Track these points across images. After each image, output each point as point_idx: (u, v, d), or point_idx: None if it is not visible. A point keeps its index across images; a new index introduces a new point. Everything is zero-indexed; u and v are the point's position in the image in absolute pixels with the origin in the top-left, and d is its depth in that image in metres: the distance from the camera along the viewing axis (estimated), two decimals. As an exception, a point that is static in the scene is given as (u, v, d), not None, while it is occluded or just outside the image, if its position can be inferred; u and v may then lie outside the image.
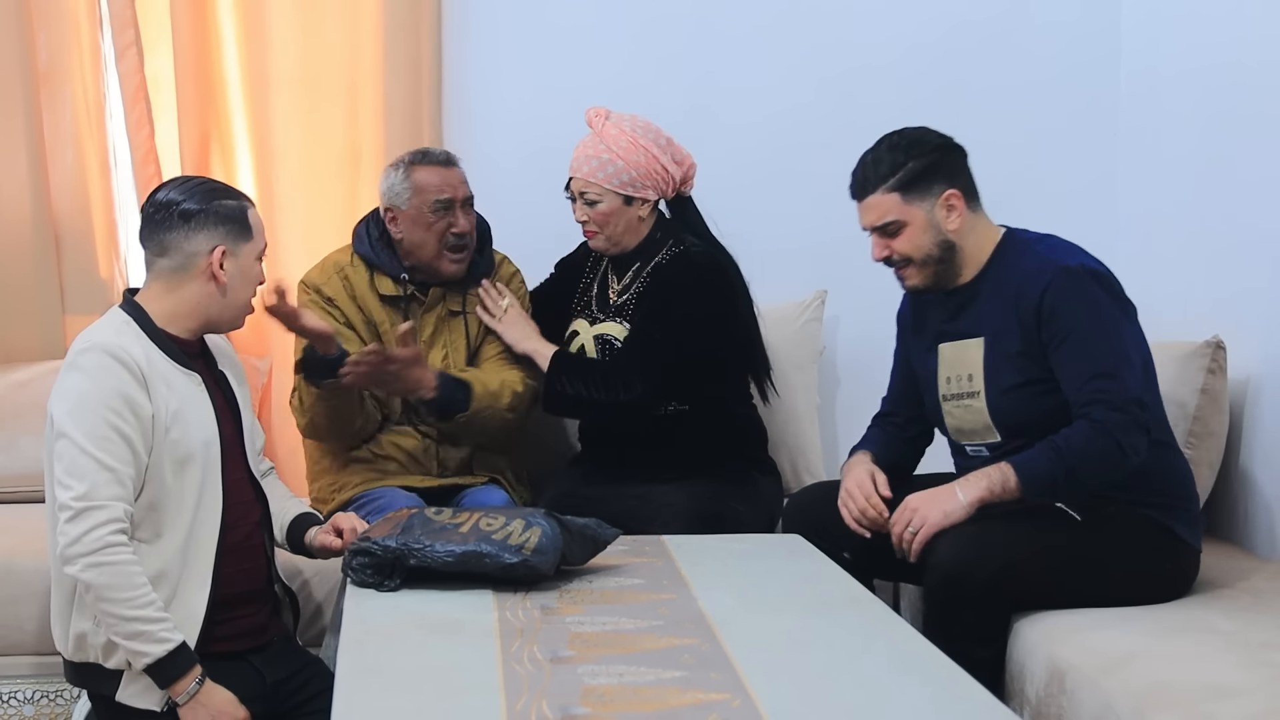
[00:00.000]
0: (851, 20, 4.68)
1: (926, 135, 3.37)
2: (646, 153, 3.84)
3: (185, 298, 3.06)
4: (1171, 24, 4.40)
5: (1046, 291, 3.26)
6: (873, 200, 3.35)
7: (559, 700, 2.35)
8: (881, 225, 3.35)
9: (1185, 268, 4.29)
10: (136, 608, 2.86)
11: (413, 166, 3.86)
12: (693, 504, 3.75)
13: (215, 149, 4.54)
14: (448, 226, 3.83)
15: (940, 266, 3.38)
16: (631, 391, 3.81)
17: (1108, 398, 3.20)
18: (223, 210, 3.05)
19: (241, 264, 3.08)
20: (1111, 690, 2.82)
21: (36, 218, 4.41)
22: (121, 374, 2.93)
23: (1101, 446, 3.19)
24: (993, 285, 3.37)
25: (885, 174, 3.33)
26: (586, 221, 3.88)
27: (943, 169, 3.34)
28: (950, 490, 3.26)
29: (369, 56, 4.51)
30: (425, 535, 3.01)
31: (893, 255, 3.38)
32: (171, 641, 2.89)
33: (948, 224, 3.34)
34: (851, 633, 2.79)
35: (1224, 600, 3.32)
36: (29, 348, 4.45)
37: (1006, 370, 3.34)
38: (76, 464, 2.88)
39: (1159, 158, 4.47)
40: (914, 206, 3.33)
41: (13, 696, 3.66)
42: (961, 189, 3.35)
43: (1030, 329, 3.29)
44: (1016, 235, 3.43)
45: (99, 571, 2.85)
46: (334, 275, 3.90)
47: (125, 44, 4.42)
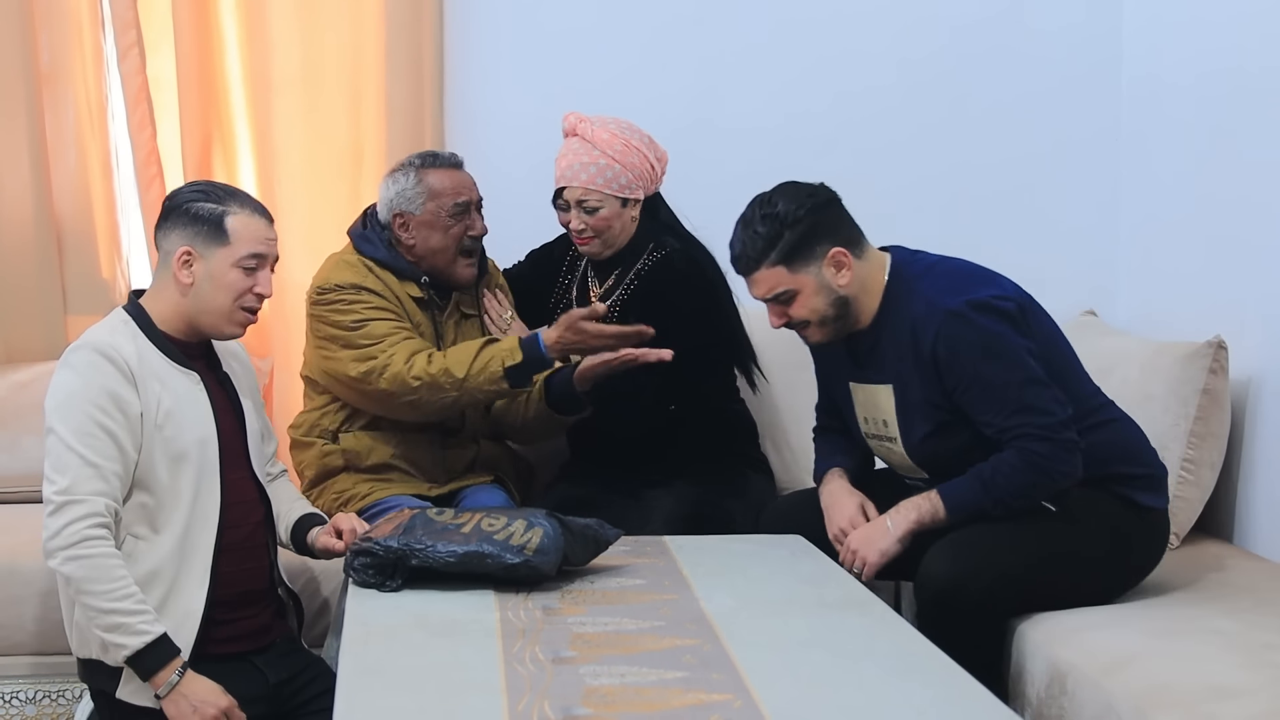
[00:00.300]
0: (851, 29, 4.68)
1: (796, 198, 3.31)
2: (638, 153, 3.83)
3: (166, 298, 3.08)
4: (1173, 29, 4.40)
5: (937, 341, 3.24)
6: (759, 275, 3.32)
7: (561, 701, 2.35)
8: (773, 297, 3.33)
9: (1187, 269, 4.29)
10: (114, 600, 2.88)
11: (424, 170, 3.79)
12: (683, 505, 3.76)
13: (217, 150, 4.55)
14: (465, 230, 3.79)
15: (839, 323, 3.36)
16: (630, 410, 3.81)
17: (1031, 432, 3.20)
18: (194, 212, 3.04)
19: (211, 268, 3.05)
20: (1113, 691, 2.82)
21: (38, 218, 4.41)
22: (109, 371, 2.95)
23: (1030, 479, 3.22)
24: (889, 331, 3.35)
25: (764, 249, 3.28)
26: (583, 229, 3.86)
27: (820, 230, 3.29)
28: (882, 524, 3.31)
29: (371, 58, 4.51)
30: (427, 535, 3.01)
31: (791, 320, 3.36)
32: (150, 633, 2.89)
33: (838, 281, 3.31)
34: (854, 634, 2.79)
35: (1225, 600, 3.32)
36: (31, 348, 4.45)
37: (918, 419, 3.34)
38: (61, 459, 2.92)
39: (1161, 161, 4.47)
40: (801, 274, 3.29)
41: (14, 696, 3.66)
42: (844, 243, 3.31)
43: (931, 376, 3.28)
44: (902, 270, 3.37)
45: (77, 565, 2.87)
46: (367, 273, 3.79)
47: (127, 45, 4.42)
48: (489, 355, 3.64)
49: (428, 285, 3.82)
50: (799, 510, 3.60)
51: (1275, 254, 3.82)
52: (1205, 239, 4.18)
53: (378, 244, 3.83)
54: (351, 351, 3.71)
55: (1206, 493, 3.82)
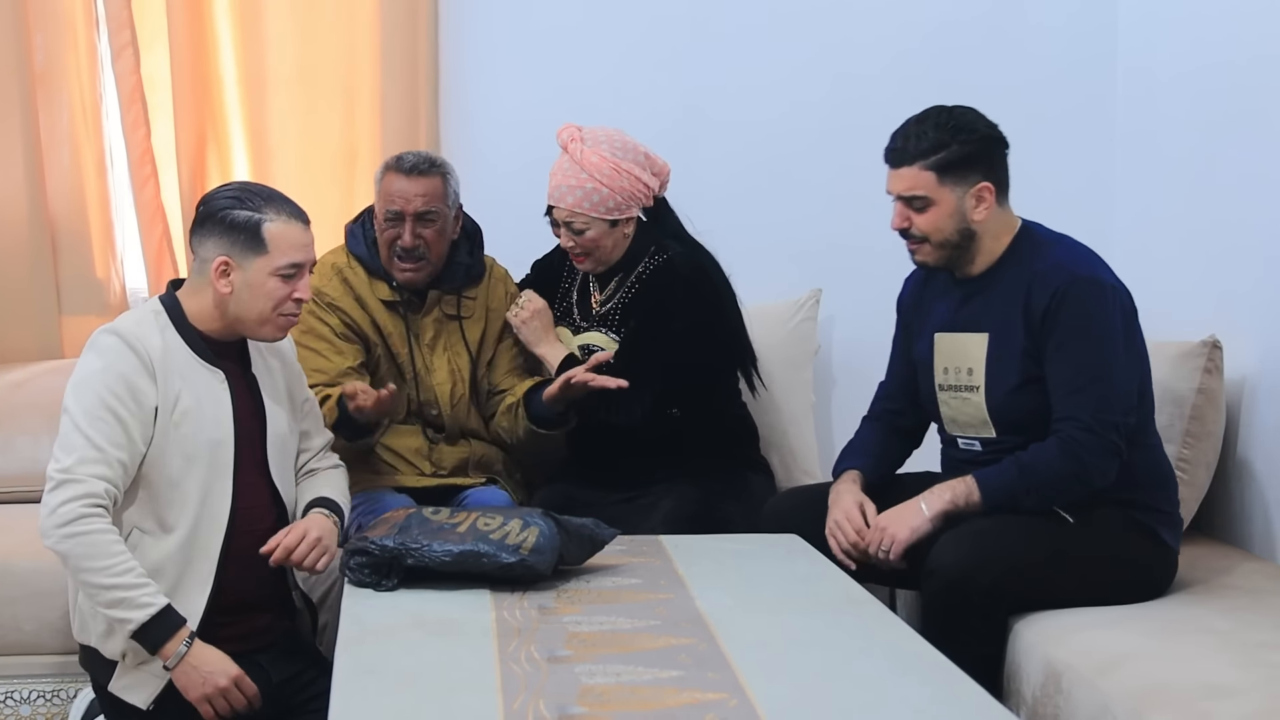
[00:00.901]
0: (846, 21, 4.67)
1: (976, 122, 3.36)
2: (628, 175, 3.81)
3: (203, 301, 3.07)
4: (1168, 24, 4.41)
5: (1055, 296, 3.26)
6: (906, 172, 3.35)
7: (556, 700, 2.35)
8: (909, 197, 3.35)
9: (1182, 267, 4.29)
10: (114, 575, 2.87)
11: (386, 171, 3.82)
12: (683, 506, 3.76)
13: (212, 149, 4.54)
14: (395, 238, 3.78)
15: (955, 252, 3.38)
16: (631, 417, 3.80)
17: (1081, 417, 3.22)
18: (230, 220, 3.01)
19: (250, 277, 3.03)
20: (1108, 690, 2.83)
21: (33, 218, 4.40)
22: (130, 359, 2.95)
23: (1066, 469, 3.23)
24: (1004, 282, 3.38)
25: (926, 150, 3.31)
26: (574, 247, 3.86)
27: (983, 160, 3.34)
28: (915, 505, 3.31)
29: (365, 56, 4.51)
30: (422, 535, 3.01)
31: (911, 229, 3.38)
32: (153, 606, 2.89)
33: (974, 214, 3.34)
34: (849, 633, 2.79)
35: (1220, 600, 3.32)
36: (25, 348, 4.44)
37: (1009, 369, 3.34)
38: (68, 438, 2.92)
39: (1156, 158, 4.48)
40: (946, 189, 3.32)
41: (9, 696, 3.66)
42: (996, 183, 3.35)
43: (1035, 330, 3.30)
44: (1033, 231, 3.43)
45: (73, 542, 2.86)
46: (333, 277, 3.86)
47: (121, 44, 4.41)
48: (327, 409, 3.64)
49: (399, 288, 3.85)
50: (798, 506, 3.61)
51: (1270, 253, 3.83)
52: (1200, 238, 4.18)
53: (360, 239, 3.89)
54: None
55: (1201, 492, 3.82)
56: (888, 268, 3.76)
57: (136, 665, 2.99)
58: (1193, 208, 4.23)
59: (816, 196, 4.64)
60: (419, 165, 3.80)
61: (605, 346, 3.91)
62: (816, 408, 4.52)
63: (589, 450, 4.00)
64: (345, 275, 3.86)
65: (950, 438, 3.52)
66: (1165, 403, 3.76)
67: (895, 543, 3.28)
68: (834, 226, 4.64)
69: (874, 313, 3.92)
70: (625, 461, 3.89)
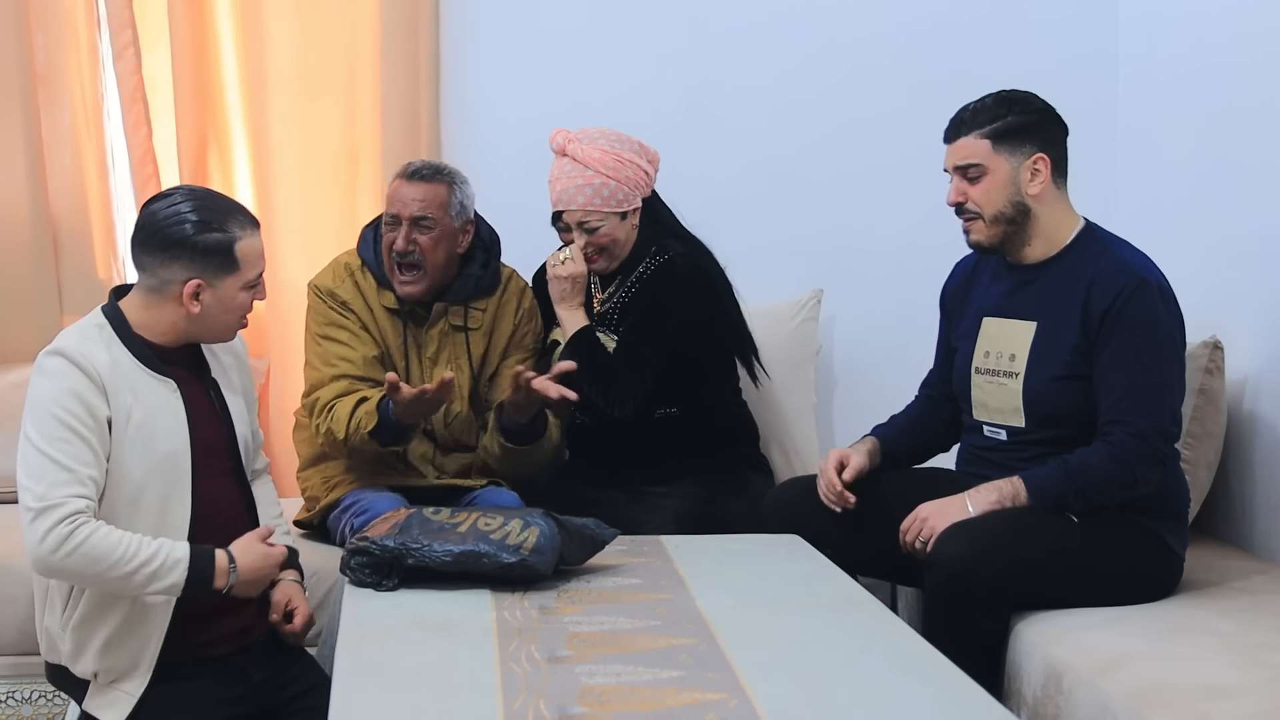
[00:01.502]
0: (847, 20, 4.68)
1: (1034, 98, 3.41)
2: (631, 165, 3.83)
3: (160, 317, 3.01)
4: (1169, 23, 4.40)
5: (1120, 297, 3.26)
6: (963, 142, 3.38)
7: (556, 700, 2.35)
8: (964, 165, 3.37)
9: (1183, 268, 4.26)
10: (130, 561, 2.83)
11: (396, 178, 3.80)
12: (684, 504, 3.76)
13: (213, 149, 4.54)
14: (391, 242, 3.74)
15: (1010, 228, 3.39)
16: (623, 408, 3.81)
17: (1133, 422, 3.23)
18: (203, 245, 2.95)
19: (221, 295, 3.00)
20: (1109, 691, 2.83)
21: (34, 218, 4.41)
22: (78, 378, 2.90)
23: (1114, 474, 3.23)
24: (1063, 274, 3.38)
25: (983, 121, 3.36)
26: (587, 247, 3.85)
27: (1039, 132, 3.37)
28: (960, 501, 3.28)
29: (367, 57, 4.51)
30: (423, 535, 3.02)
31: (967, 202, 3.39)
32: (182, 560, 2.87)
33: (1029, 187, 3.35)
34: (850, 633, 2.79)
35: (1221, 601, 3.32)
36: (27, 348, 4.42)
37: (1054, 360, 3.34)
38: (35, 466, 2.87)
39: (1157, 158, 4.48)
40: (1000, 157, 3.35)
41: (11, 696, 3.67)
42: (1052, 159, 3.37)
43: (1092, 328, 3.29)
44: (1097, 231, 3.44)
45: (74, 560, 2.82)
46: (346, 278, 3.84)
47: (123, 45, 4.41)
48: (360, 415, 3.64)
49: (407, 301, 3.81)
50: (800, 496, 3.61)
51: (1272, 253, 3.83)
52: (1201, 238, 4.18)
53: (370, 245, 3.86)
54: (310, 368, 3.81)
55: (1203, 494, 3.82)
56: (889, 268, 3.77)
57: (109, 684, 2.97)
58: (1194, 208, 4.23)
59: (818, 196, 4.65)
60: (422, 171, 3.78)
61: (606, 345, 3.91)
62: (817, 408, 4.53)
63: (590, 450, 4.00)
64: (356, 278, 3.84)
65: (976, 424, 3.51)
66: (1165, 402, 3.76)
67: (935, 535, 3.24)
68: (836, 226, 4.64)
69: (875, 313, 3.93)
70: (626, 461, 3.90)
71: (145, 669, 2.96)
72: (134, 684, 2.95)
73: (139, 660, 2.96)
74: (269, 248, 4.40)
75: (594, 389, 3.79)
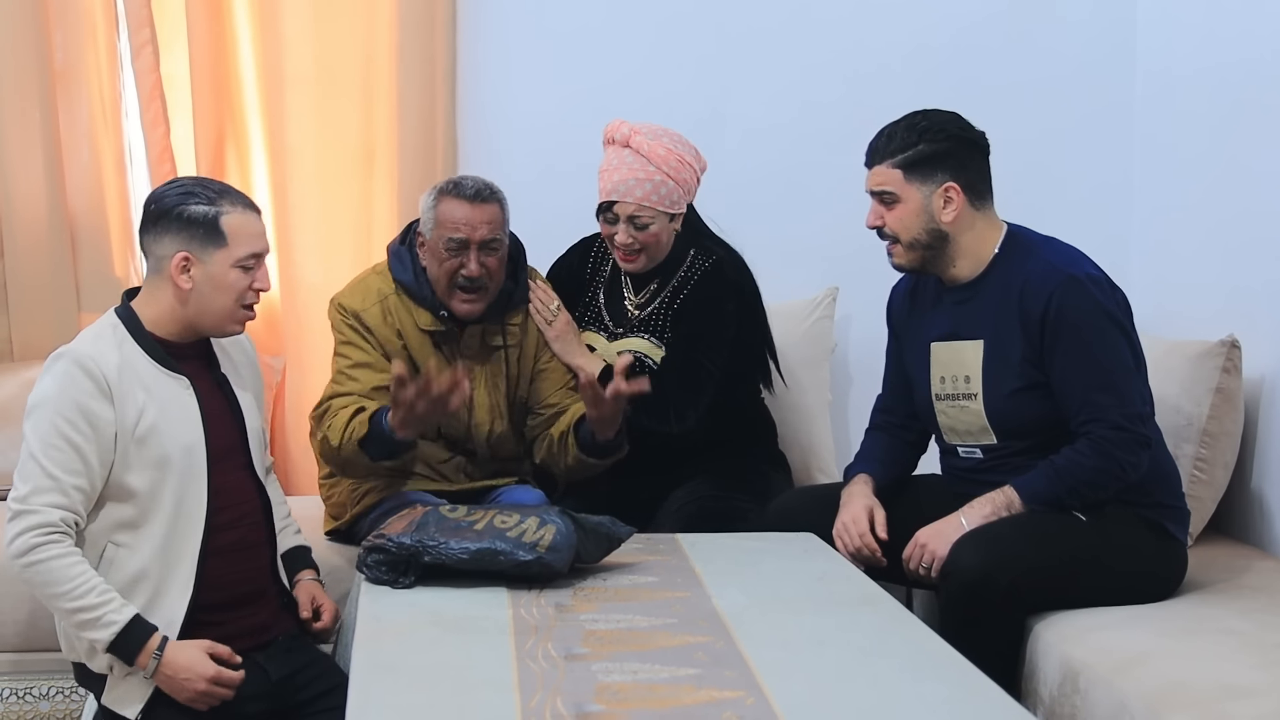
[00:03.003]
0: (865, 20, 4.67)
1: (948, 124, 3.39)
2: (690, 168, 3.81)
3: (160, 301, 3.03)
4: (1187, 22, 4.39)
5: (1052, 299, 3.27)
6: (877, 169, 3.40)
7: (573, 697, 2.35)
8: (879, 192, 3.40)
9: (1200, 267, 4.28)
10: (75, 599, 2.87)
11: (442, 196, 3.65)
12: (701, 502, 3.76)
13: (230, 147, 4.55)
14: (458, 267, 3.62)
15: (928, 253, 3.40)
16: (684, 422, 3.77)
17: (1107, 415, 3.24)
18: (188, 214, 2.97)
19: (211, 271, 2.99)
20: (1126, 690, 2.82)
21: (52, 216, 4.42)
22: (84, 384, 2.91)
23: (1103, 467, 3.25)
24: (995, 287, 3.38)
25: (894, 150, 3.37)
26: (631, 244, 3.80)
27: (950, 160, 3.36)
28: (955, 520, 3.30)
29: (383, 55, 4.52)
30: (440, 532, 3.02)
31: (884, 227, 3.42)
32: (118, 622, 2.89)
33: (942, 215, 3.36)
34: (866, 631, 2.79)
35: (1239, 600, 3.32)
36: (44, 345, 4.42)
37: (1007, 375, 3.35)
38: (25, 467, 2.92)
39: (1174, 156, 4.47)
40: (912, 187, 3.36)
41: (28, 692, 3.68)
42: (964, 184, 3.36)
43: (1034, 335, 3.30)
44: (1020, 236, 3.43)
45: (32, 572, 2.88)
46: (376, 304, 3.70)
47: (141, 43, 4.42)
48: (354, 423, 3.52)
49: (447, 319, 3.70)
50: (805, 506, 3.61)
51: (1289, 253, 3.83)
52: (1219, 237, 4.17)
53: (408, 265, 3.73)
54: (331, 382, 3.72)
55: (1220, 492, 3.82)
56: (904, 267, 3.76)
57: (124, 676, 2.98)
58: (1211, 207, 4.22)
59: (833, 195, 4.63)
60: (482, 192, 3.65)
61: (650, 353, 3.88)
62: (833, 406, 4.53)
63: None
64: (387, 305, 3.71)
65: (950, 447, 3.52)
66: (1183, 402, 3.75)
67: (936, 560, 3.26)
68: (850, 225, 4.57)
69: (891, 311, 3.92)
70: (645, 457, 3.88)
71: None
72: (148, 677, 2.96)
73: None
74: (285, 246, 4.44)
75: (642, 414, 3.69)
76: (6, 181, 4.40)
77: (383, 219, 4.51)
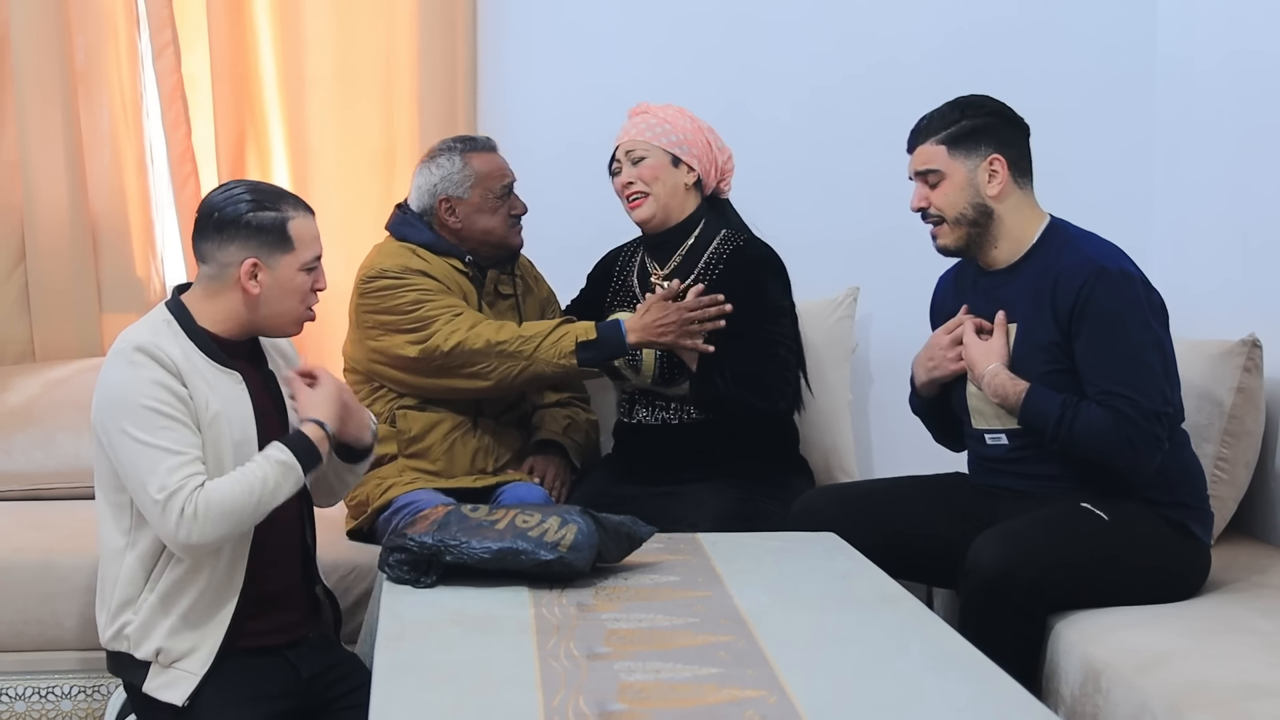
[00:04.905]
0: (884, 12, 4.68)
1: (989, 100, 3.47)
2: (694, 123, 3.91)
3: (222, 306, 3.06)
4: (1207, 27, 4.38)
5: (1083, 291, 3.28)
6: (921, 149, 3.44)
7: (595, 696, 2.36)
8: (924, 171, 3.43)
9: (1222, 265, 4.27)
10: (254, 492, 2.91)
11: (468, 154, 3.89)
12: (722, 503, 3.75)
13: (251, 147, 4.57)
14: (510, 209, 3.89)
15: (974, 230, 3.42)
16: (785, 401, 3.86)
17: (1128, 396, 3.24)
18: (256, 222, 3.01)
19: (279, 276, 3.04)
20: (1147, 689, 2.82)
21: (74, 216, 4.43)
22: (156, 368, 2.94)
23: (1111, 436, 3.24)
24: (1032, 274, 3.40)
25: (938, 127, 3.42)
26: (632, 184, 3.88)
27: (994, 133, 3.41)
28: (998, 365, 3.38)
29: (404, 54, 4.53)
30: (461, 532, 3.02)
31: (929, 208, 3.44)
32: (286, 460, 2.96)
33: (987, 189, 3.39)
34: (888, 630, 2.78)
35: (1261, 599, 3.31)
36: (66, 345, 4.48)
37: (1038, 358, 3.36)
38: (144, 459, 2.90)
39: (1195, 152, 4.46)
40: (956, 161, 3.40)
41: (50, 691, 3.68)
42: (1009, 159, 3.40)
43: (1064, 324, 3.31)
44: (1061, 227, 3.46)
45: (212, 526, 2.88)
46: (412, 255, 3.87)
47: (162, 43, 4.44)
48: (564, 330, 3.75)
49: (472, 264, 3.90)
50: (828, 505, 3.61)
51: (1311, 251, 3.82)
52: (1240, 236, 4.17)
53: (420, 227, 3.91)
54: (409, 334, 3.79)
55: (1241, 491, 3.81)
56: (926, 265, 3.75)
57: (170, 664, 3.00)
58: (1233, 204, 4.22)
59: (854, 194, 4.64)
60: (491, 141, 3.96)
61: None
62: (854, 405, 4.52)
63: (630, 446, 4.01)
64: (420, 254, 3.88)
65: (977, 433, 3.52)
66: (1204, 402, 3.74)
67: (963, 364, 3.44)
68: (872, 224, 4.63)
69: (912, 310, 3.91)
70: (666, 458, 3.90)
71: (209, 650, 2.99)
72: (196, 663, 2.99)
73: (203, 641, 2.99)
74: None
75: (747, 393, 3.79)
76: (29, 183, 4.42)
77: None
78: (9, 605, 3.65)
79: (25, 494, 4.21)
